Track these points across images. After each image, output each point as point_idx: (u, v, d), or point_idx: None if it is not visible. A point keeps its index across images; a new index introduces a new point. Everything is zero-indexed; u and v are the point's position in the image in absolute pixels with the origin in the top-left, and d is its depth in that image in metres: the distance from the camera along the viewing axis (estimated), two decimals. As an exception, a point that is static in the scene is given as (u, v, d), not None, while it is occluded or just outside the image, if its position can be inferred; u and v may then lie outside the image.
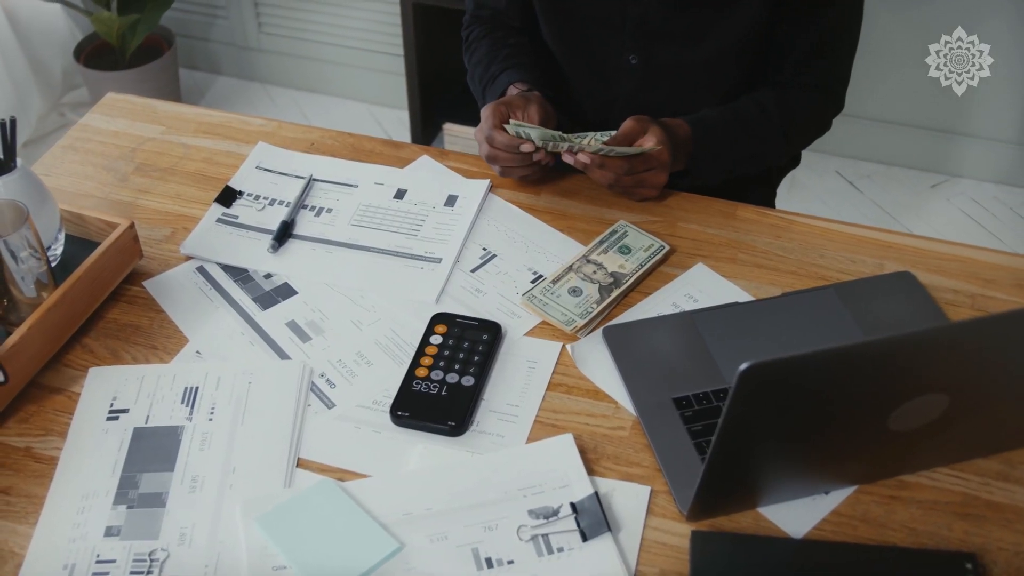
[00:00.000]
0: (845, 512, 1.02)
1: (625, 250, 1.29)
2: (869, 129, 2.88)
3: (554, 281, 1.25)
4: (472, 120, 2.75)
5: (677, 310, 1.23)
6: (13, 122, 1.22)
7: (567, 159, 1.30)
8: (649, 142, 1.32)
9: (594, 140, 1.31)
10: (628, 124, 1.33)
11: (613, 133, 1.32)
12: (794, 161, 1.68)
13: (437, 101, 2.87)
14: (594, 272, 1.26)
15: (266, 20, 3.18)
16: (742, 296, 1.25)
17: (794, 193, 2.82)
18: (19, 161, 1.22)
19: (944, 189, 2.87)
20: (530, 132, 1.29)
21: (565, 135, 1.31)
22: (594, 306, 1.21)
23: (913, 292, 1.24)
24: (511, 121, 1.32)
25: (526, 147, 1.30)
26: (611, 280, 1.25)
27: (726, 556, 0.98)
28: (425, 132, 2.88)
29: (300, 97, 3.25)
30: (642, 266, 1.27)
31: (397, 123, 3.12)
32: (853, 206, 2.82)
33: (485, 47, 1.55)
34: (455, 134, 2.79)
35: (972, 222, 2.77)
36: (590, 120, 1.56)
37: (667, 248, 1.30)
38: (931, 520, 1.01)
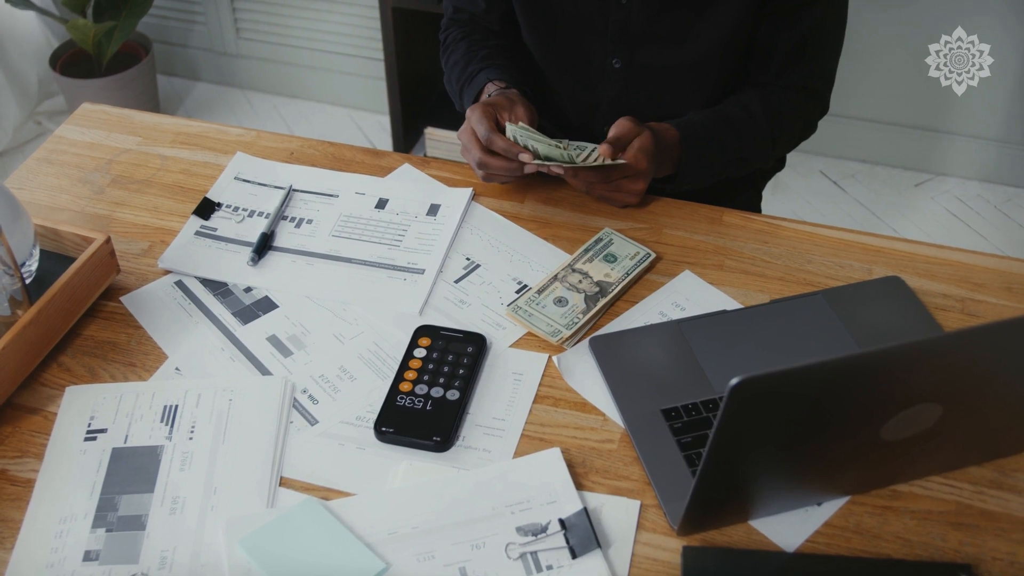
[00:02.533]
0: (838, 524, 1.00)
1: (611, 258, 1.27)
2: (853, 128, 2.88)
3: (539, 291, 1.23)
4: (454, 124, 2.74)
5: (664, 319, 1.21)
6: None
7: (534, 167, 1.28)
8: (630, 151, 1.29)
9: (589, 154, 1.29)
10: (623, 124, 1.30)
11: (595, 147, 1.30)
12: (779, 163, 1.67)
13: (418, 105, 2.85)
14: (580, 281, 1.24)
15: (244, 25, 3.15)
16: (730, 303, 1.24)
17: (778, 194, 2.81)
18: (-9, 176, 1.19)
19: (928, 188, 2.87)
20: (537, 147, 1.26)
21: (566, 148, 1.28)
22: (580, 316, 1.20)
23: (902, 297, 1.23)
24: (513, 124, 1.28)
25: (525, 157, 1.26)
26: (597, 289, 1.23)
27: (718, 571, 0.97)
28: (407, 137, 2.86)
29: (280, 103, 3.23)
30: (628, 274, 1.25)
31: (378, 128, 3.10)
32: (837, 206, 2.81)
33: (463, 49, 1.53)
34: (437, 138, 2.77)
35: (957, 220, 2.76)
36: (573, 124, 1.54)
37: (653, 256, 1.28)
38: (925, 530, 1.00)
